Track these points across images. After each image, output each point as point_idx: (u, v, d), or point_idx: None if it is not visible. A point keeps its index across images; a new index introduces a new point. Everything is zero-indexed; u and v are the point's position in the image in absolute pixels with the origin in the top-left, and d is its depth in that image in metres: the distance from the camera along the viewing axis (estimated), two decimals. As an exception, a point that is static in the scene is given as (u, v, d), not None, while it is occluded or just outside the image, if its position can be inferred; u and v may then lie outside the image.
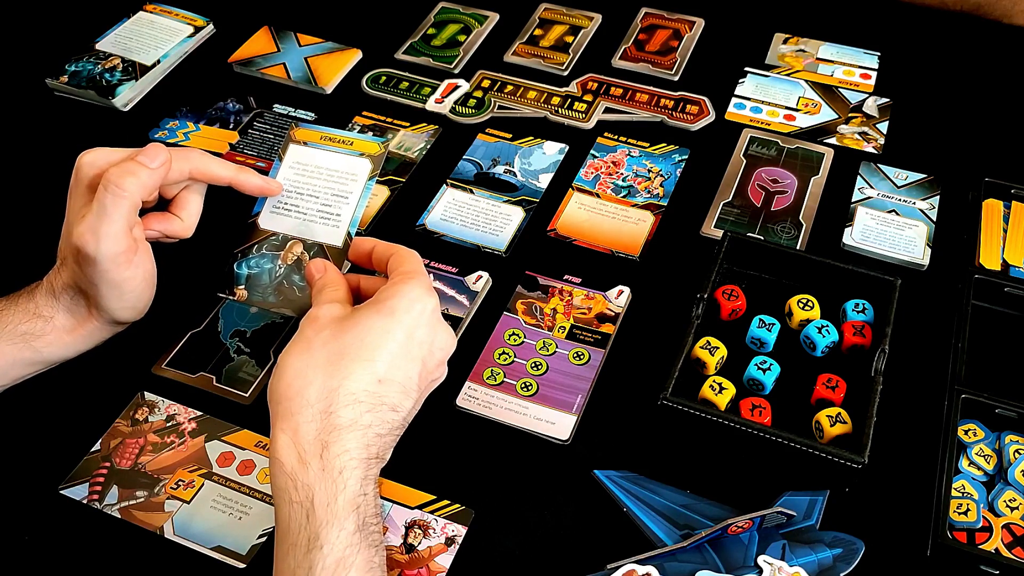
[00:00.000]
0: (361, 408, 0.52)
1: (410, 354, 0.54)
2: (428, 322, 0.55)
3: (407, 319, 0.54)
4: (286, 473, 0.50)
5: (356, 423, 0.51)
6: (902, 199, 0.76)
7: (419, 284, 0.55)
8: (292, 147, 0.66)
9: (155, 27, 0.93)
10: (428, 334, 0.55)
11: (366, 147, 0.65)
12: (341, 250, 0.62)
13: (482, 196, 0.77)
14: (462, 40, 0.92)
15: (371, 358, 0.52)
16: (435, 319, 0.55)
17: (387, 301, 0.54)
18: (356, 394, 0.52)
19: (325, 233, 0.63)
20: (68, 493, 0.59)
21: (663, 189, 0.77)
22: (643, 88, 0.86)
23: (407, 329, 0.54)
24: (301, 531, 0.49)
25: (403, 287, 0.55)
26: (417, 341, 0.54)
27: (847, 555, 0.55)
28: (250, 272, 0.63)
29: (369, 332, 0.53)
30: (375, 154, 0.65)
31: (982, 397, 0.61)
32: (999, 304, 0.68)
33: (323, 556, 0.48)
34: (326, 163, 0.65)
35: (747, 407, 0.61)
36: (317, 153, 0.65)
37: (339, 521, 0.49)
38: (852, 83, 0.86)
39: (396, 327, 0.53)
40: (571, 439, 0.62)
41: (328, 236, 0.62)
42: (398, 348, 0.53)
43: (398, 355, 0.53)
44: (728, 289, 0.67)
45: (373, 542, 0.50)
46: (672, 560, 0.55)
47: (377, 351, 0.53)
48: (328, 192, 0.64)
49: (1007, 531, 0.56)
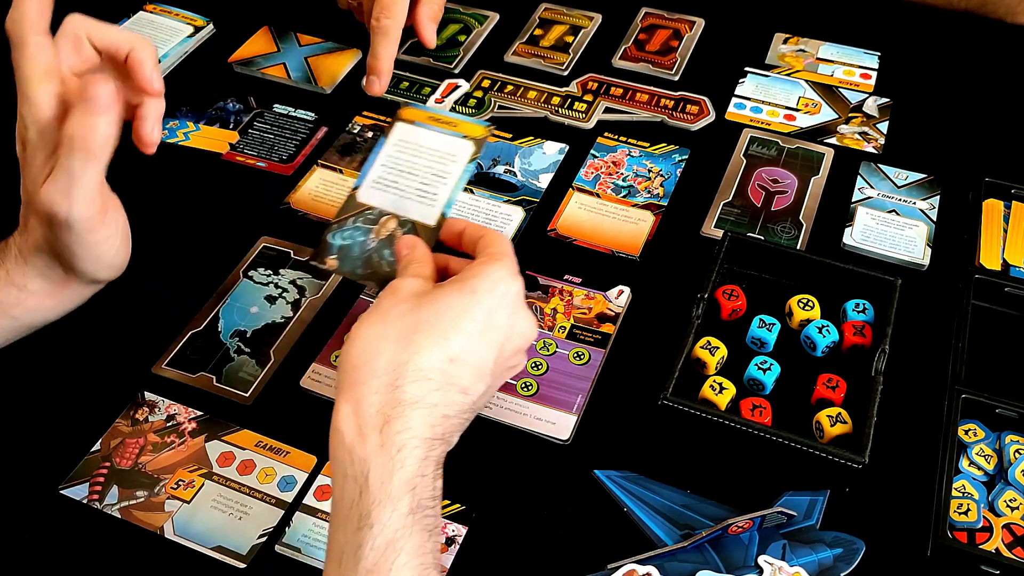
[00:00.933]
0: (429, 386, 0.50)
1: (487, 337, 0.52)
2: (510, 306, 0.53)
3: (488, 300, 0.52)
4: (344, 445, 0.48)
5: (422, 401, 0.49)
6: (902, 199, 0.76)
7: (504, 266, 0.54)
8: (399, 125, 0.66)
9: (155, 27, 0.93)
10: (508, 318, 0.53)
11: (471, 130, 0.65)
12: (433, 229, 0.61)
13: (482, 196, 0.77)
14: (462, 40, 0.92)
15: (445, 336, 0.51)
16: (517, 304, 0.54)
17: (469, 280, 0.53)
18: (425, 371, 0.50)
19: (420, 211, 0.62)
20: (68, 493, 0.59)
21: (663, 189, 0.77)
22: (643, 88, 0.86)
23: (487, 311, 0.52)
24: (353, 507, 0.47)
25: (487, 267, 0.54)
26: (496, 324, 0.53)
27: (847, 555, 0.55)
28: (343, 243, 0.62)
29: (447, 310, 0.52)
30: (479, 137, 0.65)
31: (982, 397, 0.61)
32: (999, 304, 0.68)
33: (373, 536, 0.46)
34: (429, 143, 0.65)
35: (747, 407, 0.61)
36: (422, 132, 0.65)
37: (392, 501, 0.47)
38: (852, 83, 0.86)
39: (475, 307, 0.52)
40: (571, 439, 0.62)
41: (422, 214, 0.62)
42: (475, 329, 0.52)
43: (474, 336, 0.52)
44: (728, 289, 0.67)
45: (427, 526, 0.48)
46: (672, 560, 0.55)
47: (452, 330, 0.51)
48: (428, 171, 0.64)
49: (1007, 531, 0.56)
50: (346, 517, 0.47)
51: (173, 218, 0.76)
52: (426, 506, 0.48)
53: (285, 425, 0.63)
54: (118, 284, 0.69)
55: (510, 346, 0.54)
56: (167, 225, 0.76)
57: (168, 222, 0.76)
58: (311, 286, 0.71)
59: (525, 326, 0.55)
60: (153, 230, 0.75)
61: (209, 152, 0.81)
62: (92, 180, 0.54)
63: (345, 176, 0.79)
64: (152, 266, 0.72)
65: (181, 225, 0.76)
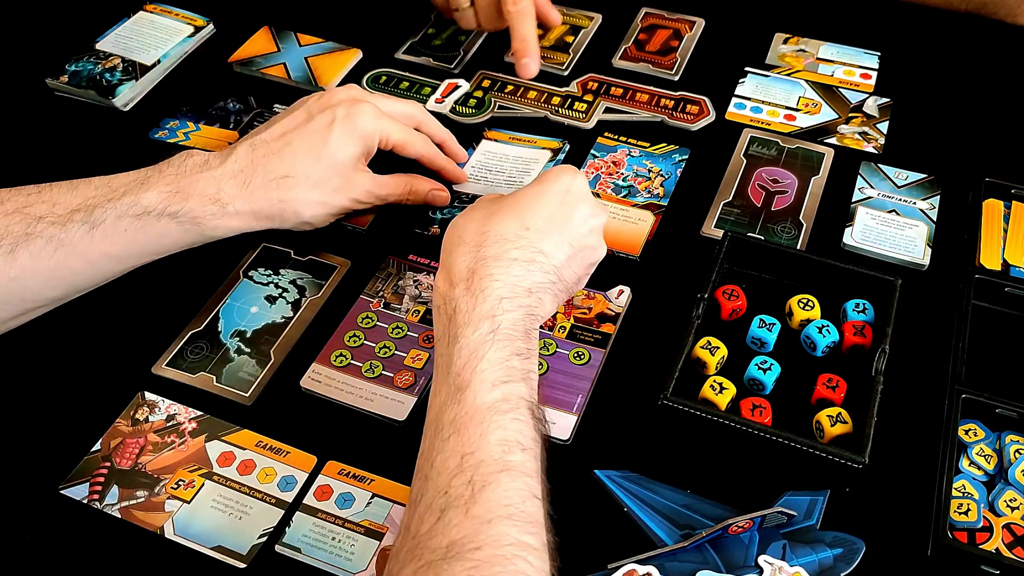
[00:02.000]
0: (508, 245, 0.59)
1: (558, 215, 0.62)
2: (576, 192, 0.63)
3: (554, 186, 0.62)
4: (440, 294, 0.59)
5: (503, 255, 0.58)
6: (902, 199, 0.76)
7: (568, 168, 0.65)
8: (484, 141, 0.82)
9: (155, 27, 0.93)
10: (575, 200, 0.63)
11: (547, 144, 0.81)
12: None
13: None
14: (462, 40, 0.92)
15: (520, 212, 0.61)
16: (581, 192, 0.64)
17: (540, 178, 0.64)
18: (504, 235, 0.59)
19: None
20: (68, 493, 0.59)
21: (663, 189, 0.77)
22: (643, 88, 0.86)
23: (554, 193, 0.62)
24: (444, 332, 0.57)
25: (555, 169, 0.65)
26: (566, 206, 0.62)
27: (848, 555, 0.55)
28: (442, 216, 0.75)
29: (523, 198, 0.62)
30: (555, 148, 0.81)
31: (982, 397, 0.61)
32: (999, 304, 0.68)
33: (459, 348, 0.55)
34: (512, 152, 0.81)
35: (747, 407, 0.61)
36: (505, 147, 0.81)
37: (474, 324, 0.55)
38: (852, 83, 0.86)
39: (544, 193, 0.62)
40: (571, 439, 0.62)
41: None
42: (546, 209, 0.61)
43: (545, 215, 0.61)
44: (728, 289, 0.67)
45: (515, 350, 0.56)
46: (672, 560, 0.55)
47: (526, 207, 0.61)
48: (514, 169, 0.79)
49: (1008, 531, 0.56)
50: (440, 339, 0.57)
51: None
52: (510, 333, 0.56)
53: (285, 425, 0.63)
54: (118, 284, 0.69)
55: (583, 226, 0.63)
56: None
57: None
58: (311, 286, 0.71)
59: (588, 209, 0.64)
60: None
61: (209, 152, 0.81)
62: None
63: (345, 176, 0.79)
64: (152, 266, 0.72)
65: (181, 225, 0.76)
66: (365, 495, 0.59)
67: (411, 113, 0.75)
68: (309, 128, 0.68)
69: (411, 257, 0.72)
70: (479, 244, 0.59)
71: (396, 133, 0.72)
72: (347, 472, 0.60)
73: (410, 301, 0.69)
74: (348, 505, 0.59)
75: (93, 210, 0.63)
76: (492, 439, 0.51)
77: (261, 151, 0.68)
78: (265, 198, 0.67)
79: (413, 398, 0.63)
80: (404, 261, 0.72)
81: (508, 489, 0.50)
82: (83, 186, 0.65)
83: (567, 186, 0.63)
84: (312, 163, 0.68)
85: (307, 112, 0.70)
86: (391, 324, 0.68)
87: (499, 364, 0.54)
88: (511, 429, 0.52)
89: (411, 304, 0.69)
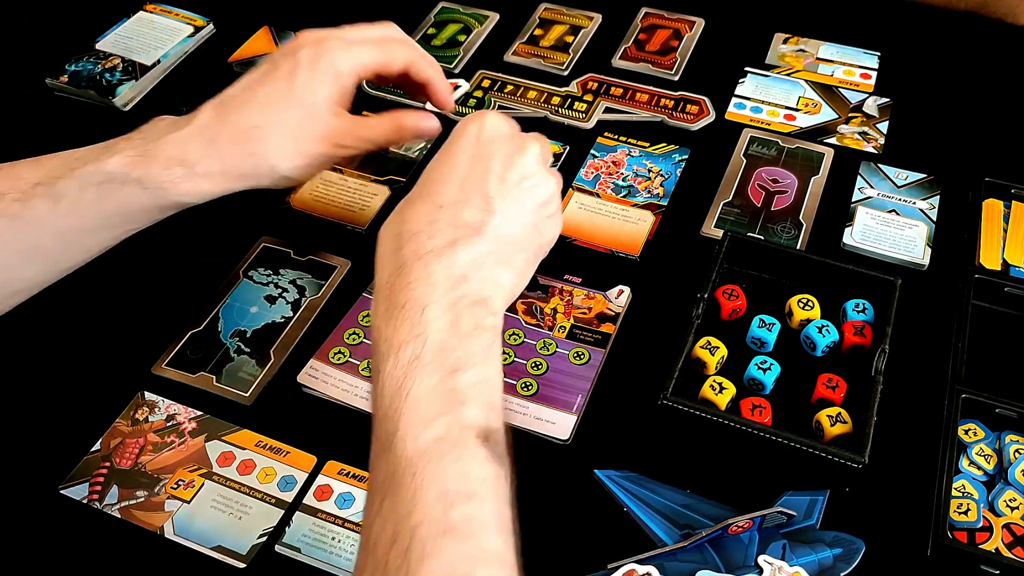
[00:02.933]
0: (423, 237, 0.51)
1: (473, 173, 0.54)
2: (487, 137, 0.55)
3: (461, 144, 0.55)
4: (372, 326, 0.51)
5: (420, 252, 0.50)
6: (902, 199, 0.76)
7: (475, 114, 0.57)
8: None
9: (155, 27, 0.93)
10: (488, 150, 0.55)
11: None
12: None
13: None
14: (462, 40, 0.92)
15: (430, 191, 0.53)
16: (495, 135, 0.56)
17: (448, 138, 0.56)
18: (417, 226, 0.52)
19: None
20: (68, 493, 0.59)
21: (663, 189, 0.77)
22: (643, 88, 0.86)
23: (463, 152, 0.55)
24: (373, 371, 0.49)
25: (461, 121, 0.57)
26: (480, 158, 0.54)
27: (847, 555, 0.55)
28: None
29: (429, 173, 0.55)
30: (556, 152, 0.79)
31: (982, 397, 0.61)
32: (999, 304, 0.68)
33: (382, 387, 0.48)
34: None
35: (747, 407, 0.61)
36: None
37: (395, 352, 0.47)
38: (852, 83, 0.86)
39: (450, 156, 0.55)
40: (571, 439, 0.62)
41: None
42: (457, 172, 0.54)
43: (457, 180, 0.54)
44: (728, 289, 0.67)
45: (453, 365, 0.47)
46: (672, 560, 0.55)
47: (435, 183, 0.54)
48: None
49: (1007, 531, 0.56)
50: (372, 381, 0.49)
51: (173, 218, 0.76)
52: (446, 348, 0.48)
53: (285, 425, 0.63)
54: (118, 284, 0.69)
55: (504, 166, 0.55)
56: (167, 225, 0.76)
57: (168, 222, 0.76)
58: (311, 286, 0.71)
59: (511, 146, 0.55)
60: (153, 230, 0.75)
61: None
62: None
63: (345, 176, 0.79)
64: (152, 266, 0.72)
65: (181, 225, 0.76)
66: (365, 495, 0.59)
67: (385, 35, 0.68)
68: (274, 75, 0.63)
69: (411, 257, 0.72)
70: (396, 249, 0.51)
71: (370, 56, 0.65)
72: (347, 472, 0.60)
73: (410, 301, 0.69)
74: (348, 505, 0.59)
75: (56, 182, 0.59)
76: (429, 496, 0.43)
77: (227, 106, 0.63)
78: (235, 154, 0.62)
79: (413, 398, 0.63)
80: (404, 261, 0.72)
81: (453, 556, 0.42)
82: (47, 160, 0.61)
83: (475, 133, 0.55)
84: (281, 110, 0.62)
85: (271, 62, 0.64)
86: (391, 324, 0.68)
87: (430, 394, 0.46)
88: (452, 476, 0.44)
89: (411, 304, 0.69)
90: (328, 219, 0.76)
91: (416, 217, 0.52)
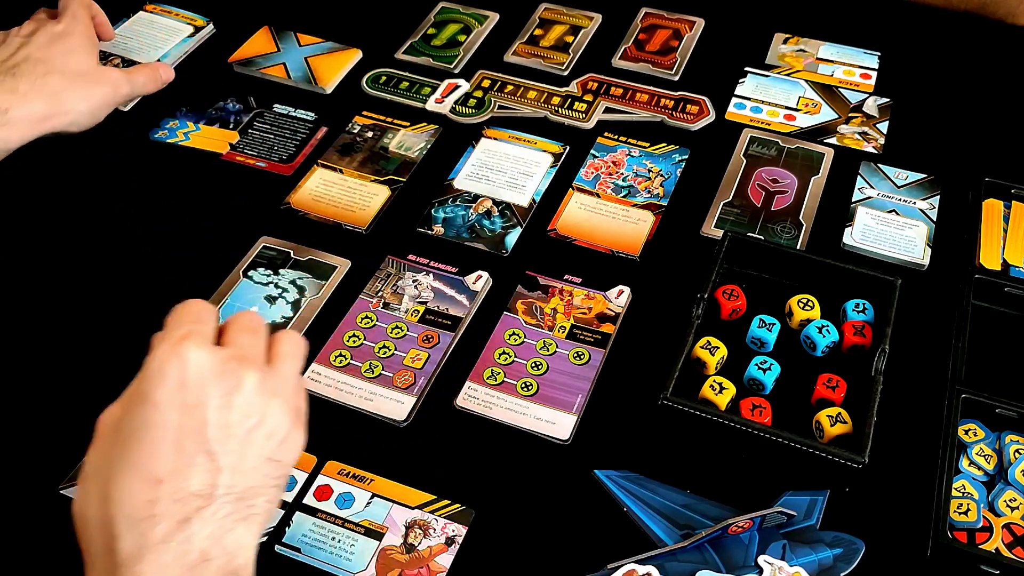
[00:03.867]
0: (144, 526, 0.42)
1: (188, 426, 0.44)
2: (194, 380, 0.45)
3: (161, 394, 0.44)
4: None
5: (145, 547, 0.42)
6: (902, 199, 0.76)
7: (168, 349, 0.46)
8: (484, 140, 0.81)
9: (155, 27, 0.93)
10: (199, 396, 0.45)
11: (548, 147, 0.81)
12: (526, 209, 0.76)
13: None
14: (462, 40, 0.92)
15: (137, 462, 0.43)
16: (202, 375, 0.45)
17: (140, 386, 0.45)
18: (132, 510, 0.43)
19: (512, 196, 0.77)
20: (68, 493, 0.59)
21: (663, 189, 0.77)
22: (643, 88, 0.86)
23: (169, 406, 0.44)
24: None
25: (150, 362, 0.46)
26: (191, 408, 0.45)
27: (847, 555, 0.55)
28: (445, 216, 0.75)
29: (132, 436, 0.44)
30: (556, 152, 0.80)
31: (982, 397, 0.61)
32: (999, 304, 0.68)
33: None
34: (513, 152, 0.80)
35: (747, 407, 0.61)
36: (506, 145, 0.81)
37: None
38: (852, 83, 0.86)
39: (153, 412, 0.44)
40: (571, 439, 0.62)
41: (515, 198, 0.77)
42: (168, 433, 0.44)
43: (170, 440, 0.44)
44: (728, 289, 0.67)
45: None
46: (672, 560, 0.55)
47: (144, 451, 0.44)
48: (515, 170, 0.79)
49: (1007, 531, 0.56)
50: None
51: (173, 218, 0.76)
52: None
53: (285, 425, 0.63)
54: (118, 284, 0.69)
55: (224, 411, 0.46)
56: (167, 225, 0.76)
57: (168, 222, 0.76)
58: (311, 286, 0.71)
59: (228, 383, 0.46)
60: (153, 230, 0.75)
61: (209, 152, 0.81)
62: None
63: (345, 176, 0.79)
64: (152, 266, 0.72)
65: (181, 225, 0.76)
66: (365, 495, 0.59)
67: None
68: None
69: (411, 257, 0.72)
70: (109, 541, 0.43)
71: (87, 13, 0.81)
72: (347, 472, 0.60)
73: (409, 301, 0.69)
74: (348, 505, 0.59)
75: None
76: None
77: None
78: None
79: (412, 398, 0.63)
80: (404, 261, 0.72)
81: None
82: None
83: (177, 378, 0.45)
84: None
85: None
86: (390, 324, 0.68)
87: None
88: None
89: (410, 304, 0.69)
90: (328, 219, 0.76)
91: (129, 499, 0.43)
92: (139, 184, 0.79)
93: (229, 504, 0.45)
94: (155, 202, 0.77)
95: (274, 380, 0.49)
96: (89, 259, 0.73)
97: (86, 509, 0.44)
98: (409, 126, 0.83)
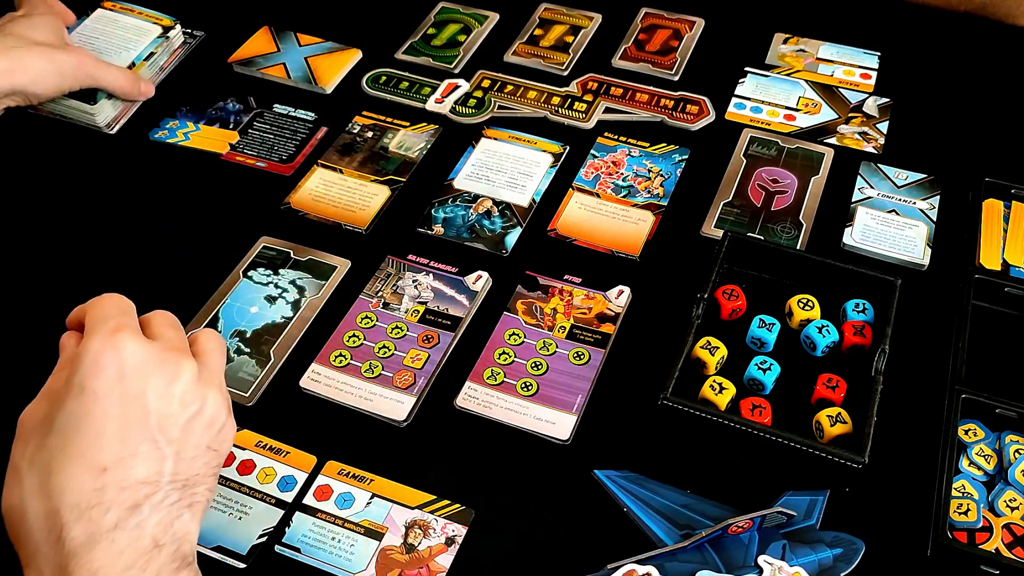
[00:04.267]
0: (94, 513, 0.43)
1: (130, 415, 0.46)
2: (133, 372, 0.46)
3: (101, 385, 0.45)
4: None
5: (96, 535, 0.43)
6: (902, 199, 0.76)
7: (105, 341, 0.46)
8: (484, 140, 0.81)
9: (119, 26, 0.89)
10: (139, 387, 0.46)
11: (548, 147, 0.81)
12: (526, 209, 0.76)
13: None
14: (462, 40, 0.92)
15: (82, 450, 0.44)
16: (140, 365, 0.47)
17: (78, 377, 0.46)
18: (78, 500, 0.43)
19: (512, 196, 0.77)
20: None
21: (663, 189, 0.77)
22: (643, 88, 0.86)
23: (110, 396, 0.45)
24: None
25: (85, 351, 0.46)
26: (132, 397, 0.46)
27: (847, 555, 0.55)
28: (445, 216, 0.75)
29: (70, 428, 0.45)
30: (556, 152, 0.80)
31: (982, 397, 0.61)
32: (999, 304, 0.68)
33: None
34: (513, 152, 0.80)
35: (747, 407, 0.61)
36: (506, 145, 0.81)
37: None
38: (852, 83, 0.86)
39: (95, 402, 0.45)
40: (571, 439, 0.62)
41: (515, 198, 0.77)
42: (108, 422, 0.45)
43: (113, 429, 0.45)
44: (728, 289, 0.67)
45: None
46: (672, 560, 0.55)
47: (88, 442, 0.44)
48: (514, 170, 0.79)
49: (1007, 531, 0.56)
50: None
51: (173, 218, 0.76)
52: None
53: (285, 425, 0.63)
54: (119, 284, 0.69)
55: (165, 400, 0.47)
56: (167, 225, 0.76)
57: (168, 222, 0.76)
58: (311, 286, 0.71)
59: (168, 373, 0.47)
60: (153, 230, 0.76)
61: (209, 152, 0.81)
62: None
63: (345, 176, 0.79)
64: (152, 266, 0.72)
65: (181, 225, 0.76)
66: (365, 495, 0.59)
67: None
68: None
69: (411, 257, 0.72)
70: (54, 537, 0.42)
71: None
72: (347, 472, 0.60)
73: (409, 301, 0.69)
74: (348, 505, 0.59)
75: None
76: None
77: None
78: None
79: (412, 398, 0.63)
80: (404, 261, 0.72)
81: None
82: None
83: (116, 370, 0.46)
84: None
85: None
86: (390, 324, 0.68)
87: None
88: None
89: (410, 304, 0.69)
90: (328, 219, 0.76)
91: (75, 489, 0.43)
92: (139, 184, 0.79)
93: (175, 491, 0.46)
94: (155, 202, 0.77)
95: (207, 372, 0.51)
96: (89, 259, 0.73)
97: (23, 504, 0.44)
98: (409, 126, 0.83)
